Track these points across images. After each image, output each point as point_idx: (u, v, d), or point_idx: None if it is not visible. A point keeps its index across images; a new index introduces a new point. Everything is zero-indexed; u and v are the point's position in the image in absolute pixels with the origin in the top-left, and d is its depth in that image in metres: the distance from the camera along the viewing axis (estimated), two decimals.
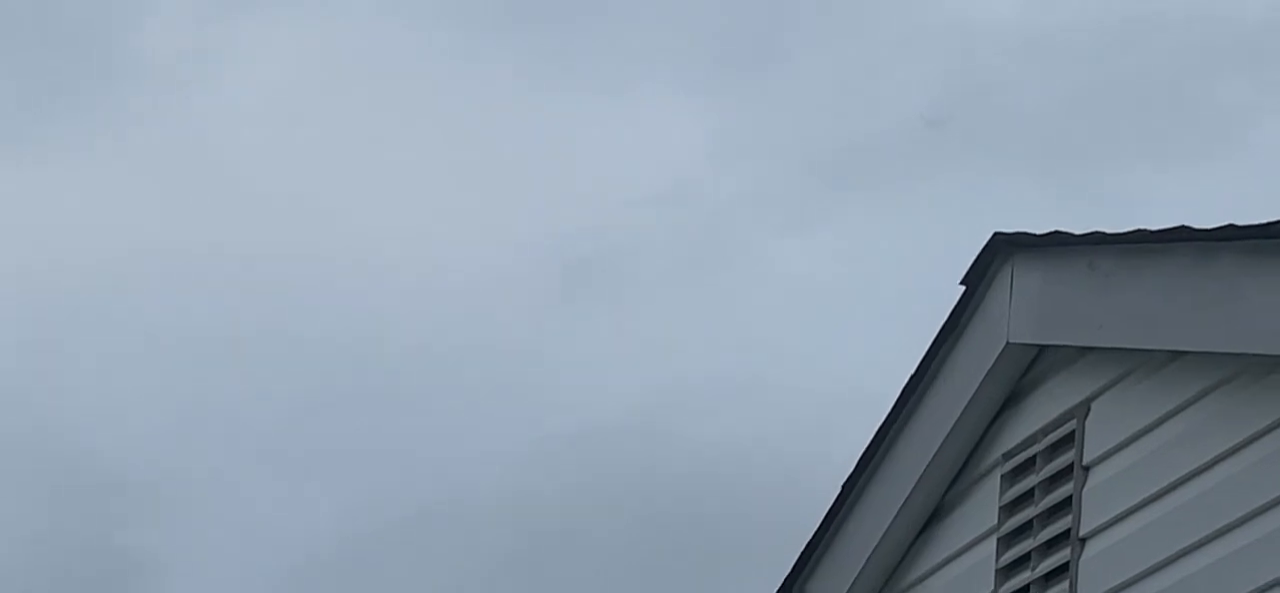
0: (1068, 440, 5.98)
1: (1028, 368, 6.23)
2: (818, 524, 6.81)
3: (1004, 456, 6.29)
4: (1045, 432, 6.08)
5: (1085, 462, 5.87)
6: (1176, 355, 5.51)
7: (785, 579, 6.97)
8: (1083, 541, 5.81)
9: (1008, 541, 6.22)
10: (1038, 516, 6.04)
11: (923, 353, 6.52)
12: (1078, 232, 5.96)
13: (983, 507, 6.37)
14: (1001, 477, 6.28)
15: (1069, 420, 5.98)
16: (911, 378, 6.55)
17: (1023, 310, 6.13)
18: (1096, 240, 5.81)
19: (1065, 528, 5.90)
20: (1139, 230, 5.61)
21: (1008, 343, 6.19)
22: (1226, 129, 21.78)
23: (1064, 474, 5.97)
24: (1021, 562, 6.10)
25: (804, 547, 6.86)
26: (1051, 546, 5.97)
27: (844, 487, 6.77)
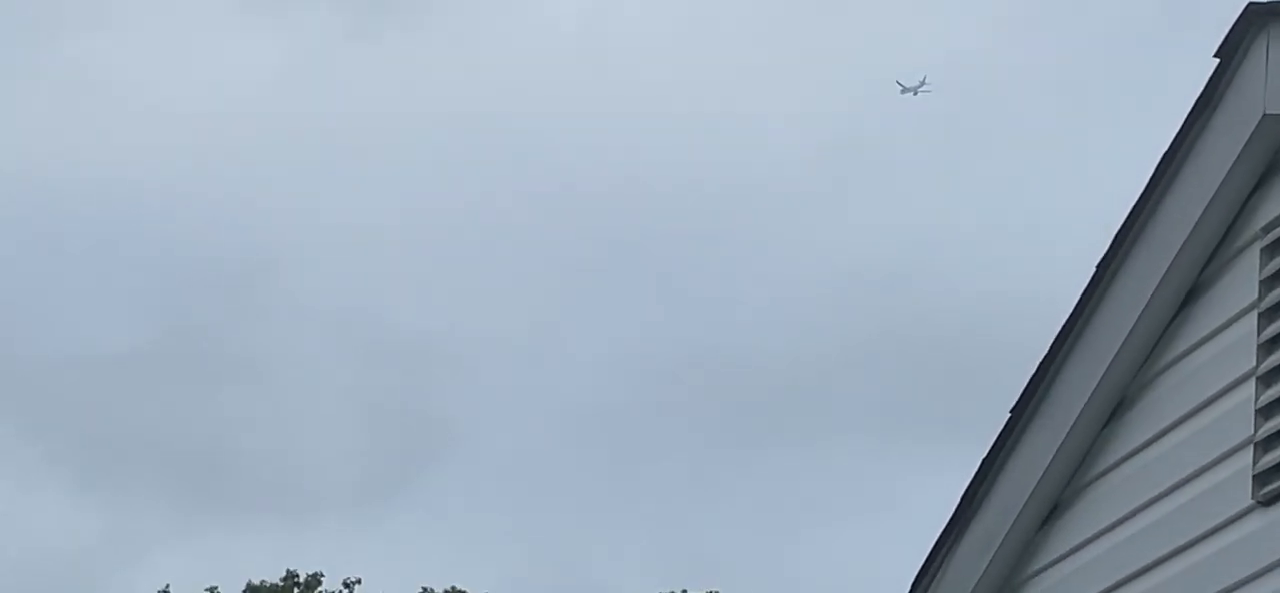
0: None
1: None
2: (1073, 305, 6.78)
3: (1263, 229, 6.20)
4: None
5: None
6: None
7: (1041, 364, 6.96)
8: None
9: (1269, 315, 6.15)
10: None
11: (1176, 130, 6.43)
12: None
13: (1242, 282, 6.30)
14: (1261, 251, 6.20)
15: None
16: (1165, 156, 6.47)
17: None
18: None
19: None
20: None
21: (1265, 115, 6.09)
22: None
23: None
24: None
25: (1061, 328, 6.83)
26: None
27: (1099, 267, 6.73)
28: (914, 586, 7.50)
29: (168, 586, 66.50)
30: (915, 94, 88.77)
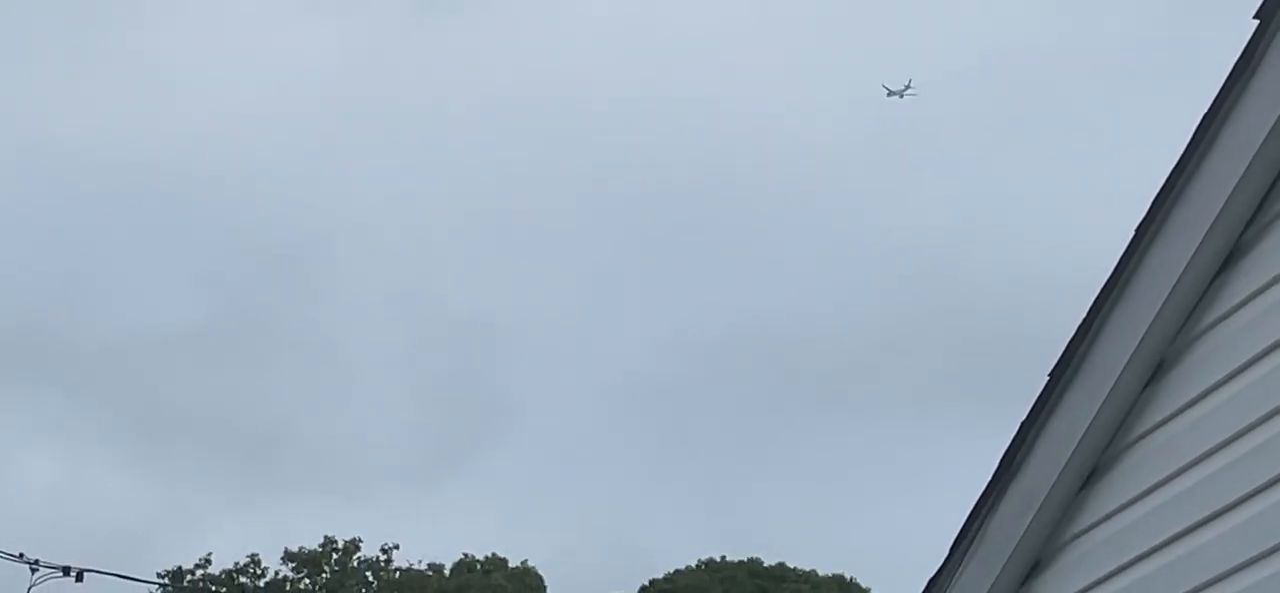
0: None
1: None
2: (1113, 267, 6.78)
3: None
4: None
5: None
6: None
7: (1080, 326, 6.96)
8: None
9: None
10: None
11: (1215, 92, 6.42)
12: None
13: None
14: None
15: None
16: (1204, 117, 6.46)
17: None
18: None
19: None
20: None
21: None
22: None
23: None
24: None
25: (1100, 290, 6.83)
26: None
27: (1138, 229, 6.72)
28: (954, 547, 7.52)
29: (209, 553, 66.96)
30: (901, 97, 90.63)
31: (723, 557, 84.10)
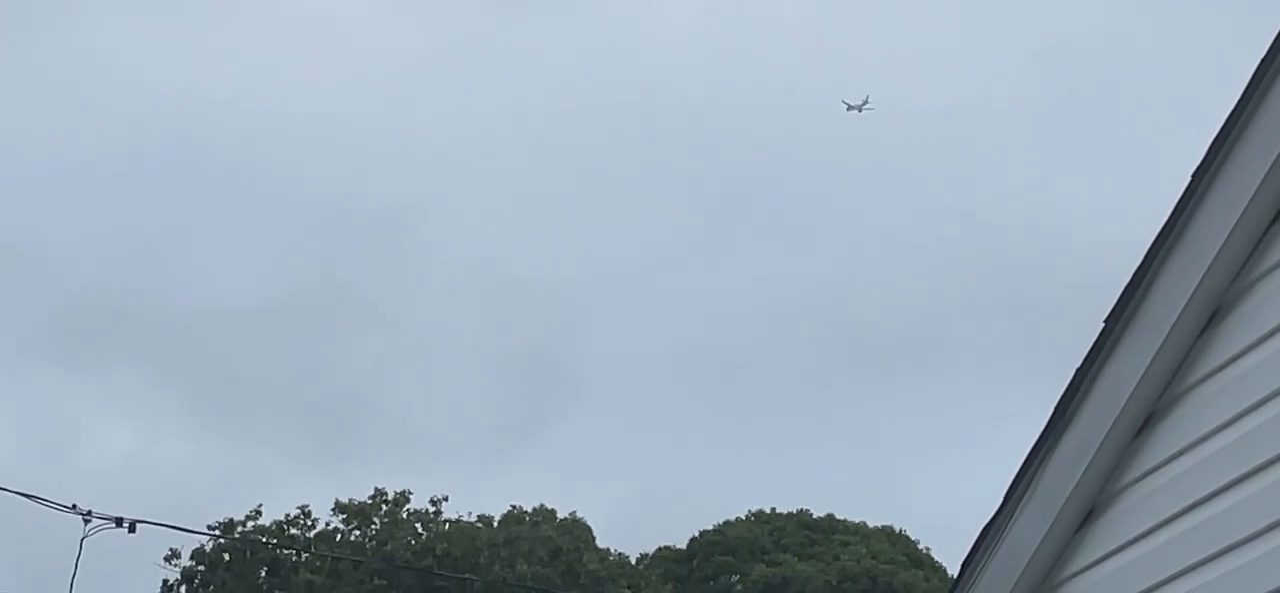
0: None
1: None
2: (1168, 214, 6.75)
3: None
4: None
5: None
6: None
7: (1135, 272, 6.93)
8: None
9: None
10: None
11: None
12: None
13: None
14: None
15: None
16: (1260, 63, 6.43)
17: None
18: None
19: None
20: None
21: None
22: None
23: None
24: None
25: (1156, 237, 6.81)
26: None
27: (1194, 175, 6.69)
28: (1008, 495, 7.52)
29: (259, 505, 67.33)
30: (860, 111, 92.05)
31: (773, 508, 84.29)
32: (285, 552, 66.55)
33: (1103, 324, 7.10)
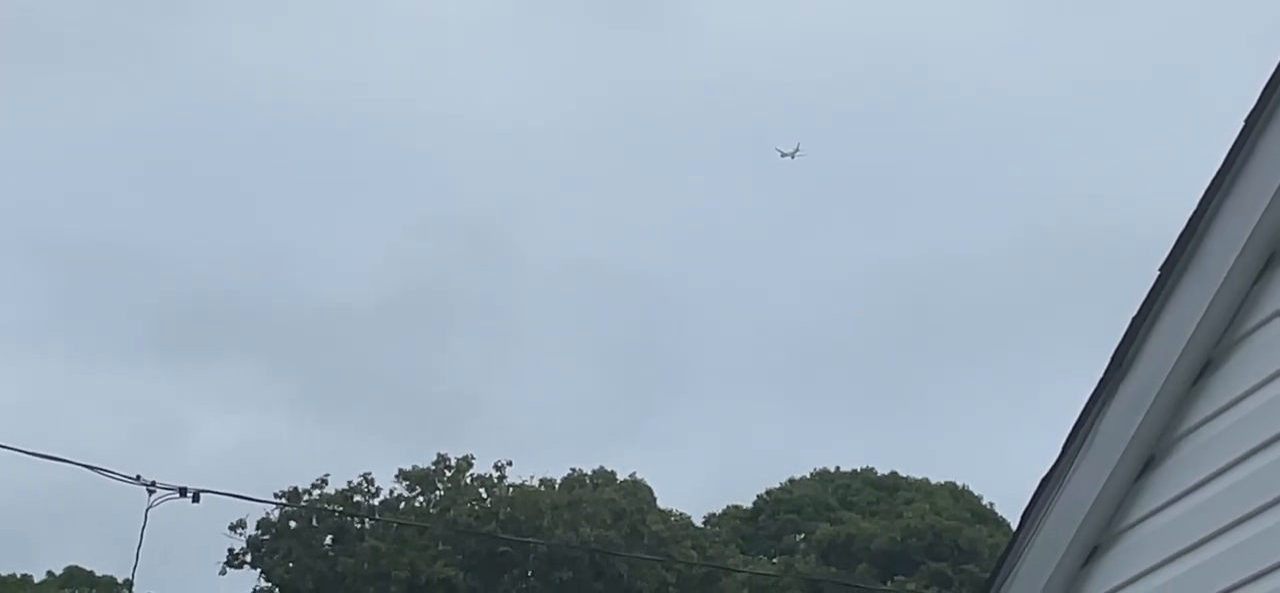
0: None
1: None
2: (1223, 158, 6.68)
3: None
4: None
5: None
6: None
7: (1191, 218, 6.87)
8: None
9: None
10: None
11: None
12: None
13: None
14: None
15: None
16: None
17: None
18: None
19: None
20: None
21: None
22: None
23: None
24: None
25: (1211, 181, 6.74)
26: None
27: (1247, 120, 6.63)
28: (1066, 446, 7.46)
29: (326, 474, 67.68)
30: (793, 158, 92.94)
31: (837, 467, 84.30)
32: (350, 519, 66.87)
33: (1158, 271, 7.03)
